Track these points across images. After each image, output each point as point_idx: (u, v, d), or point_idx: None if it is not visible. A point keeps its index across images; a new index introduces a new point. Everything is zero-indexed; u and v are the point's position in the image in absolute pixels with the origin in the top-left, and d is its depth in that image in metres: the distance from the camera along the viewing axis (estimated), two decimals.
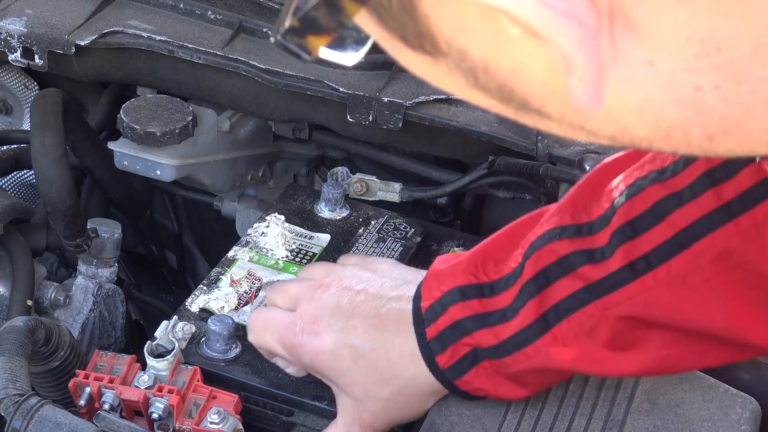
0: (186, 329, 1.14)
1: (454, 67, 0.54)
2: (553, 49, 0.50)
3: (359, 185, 1.51)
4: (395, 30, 0.54)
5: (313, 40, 0.53)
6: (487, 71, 0.53)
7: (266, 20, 1.50)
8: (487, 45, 0.52)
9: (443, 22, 0.52)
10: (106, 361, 1.13)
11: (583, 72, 0.50)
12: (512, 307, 1.01)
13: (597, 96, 0.51)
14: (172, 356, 1.11)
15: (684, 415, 1.08)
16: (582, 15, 0.49)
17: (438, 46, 0.53)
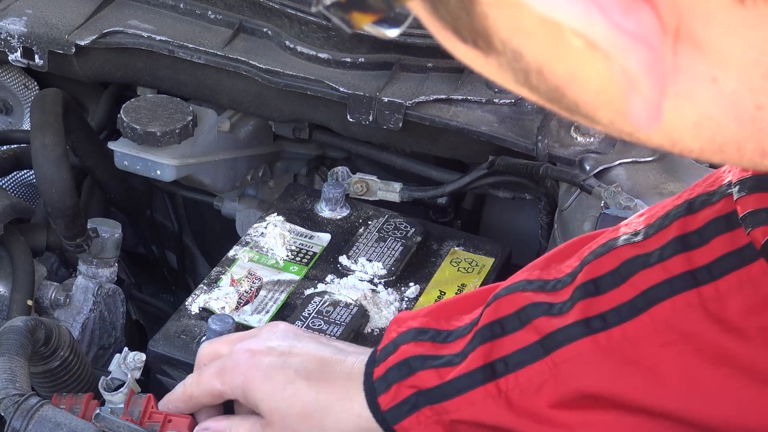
0: (137, 358, 1.14)
1: (505, 64, 0.54)
2: (617, 67, 0.50)
3: (359, 185, 1.51)
4: (448, 22, 0.54)
5: (358, 17, 0.53)
6: (540, 74, 0.53)
7: (266, 20, 1.50)
8: (544, 50, 0.52)
9: (501, 22, 0.52)
10: (65, 402, 1.12)
11: (646, 94, 0.51)
12: (462, 352, 0.98)
13: (656, 115, 0.52)
14: (125, 388, 1.11)
15: None
16: (651, 37, 0.49)
17: (492, 43, 0.53)
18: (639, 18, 0.49)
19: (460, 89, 1.43)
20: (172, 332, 1.23)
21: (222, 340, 1.12)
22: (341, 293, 1.29)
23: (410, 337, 1.01)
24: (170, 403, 1.11)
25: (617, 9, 0.48)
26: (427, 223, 1.45)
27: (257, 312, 1.27)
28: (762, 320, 0.87)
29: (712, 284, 0.88)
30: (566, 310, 0.94)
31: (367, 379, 1.02)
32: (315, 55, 1.46)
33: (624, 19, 0.49)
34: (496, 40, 0.52)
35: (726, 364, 0.88)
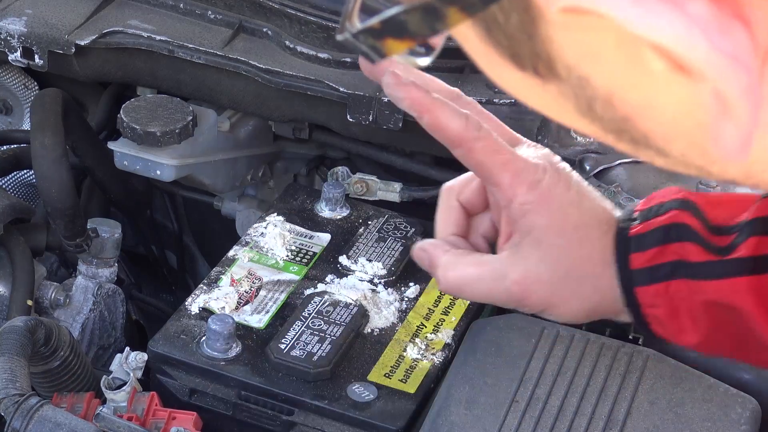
0: (138, 358, 1.14)
1: (568, 92, 0.50)
2: (705, 91, 0.47)
3: (359, 185, 1.51)
4: (504, 47, 0.50)
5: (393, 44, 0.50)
6: (609, 102, 0.50)
7: (266, 20, 1.50)
8: (617, 75, 0.49)
9: (569, 47, 0.48)
10: (67, 402, 1.13)
11: (741, 120, 0.48)
12: (731, 245, 0.91)
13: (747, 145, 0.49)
14: (128, 386, 1.11)
15: (684, 415, 1.08)
16: (749, 60, 0.46)
17: (555, 70, 0.50)
18: (735, 38, 0.46)
19: (460, 89, 1.42)
20: (172, 332, 1.23)
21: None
22: (341, 293, 1.29)
23: (682, 205, 0.94)
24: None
25: (715, 29, 0.46)
26: (427, 223, 1.44)
27: (257, 312, 1.27)
28: None
29: None
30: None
31: (621, 233, 0.94)
32: (315, 55, 1.46)
33: (722, 39, 0.46)
34: (560, 66, 0.49)
35: None
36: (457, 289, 1.00)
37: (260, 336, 1.24)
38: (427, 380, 1.20)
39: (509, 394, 1.13)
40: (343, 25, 0.50)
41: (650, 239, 0.94)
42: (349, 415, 1.16)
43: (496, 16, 0.49)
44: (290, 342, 1.21)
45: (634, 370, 1.14)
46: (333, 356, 1.20)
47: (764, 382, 1.19)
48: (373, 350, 1.23)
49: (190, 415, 1.12)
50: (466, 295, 1.04)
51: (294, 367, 1.19)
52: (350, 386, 1.18)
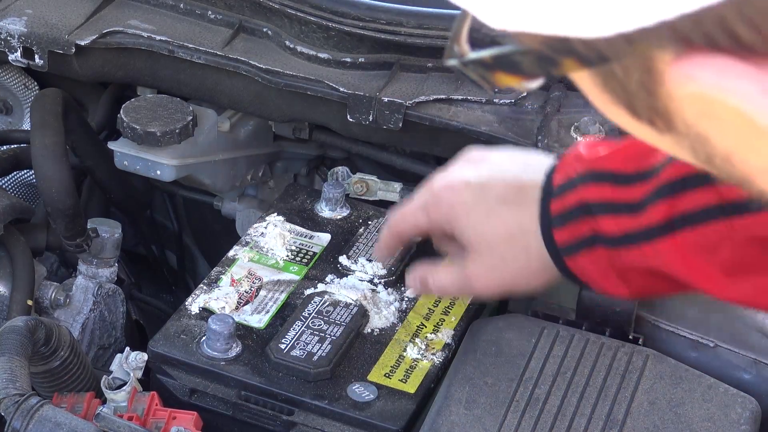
0: (139, 358, 1.15)
1: (685, 145, 0.50)
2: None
3: (359, 185, 1.51)
4: (621, 99, 0.50)
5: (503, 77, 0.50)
6: (728, 161, 0.49)
7: (266, 20, 1.50)
8: (737, 139, 0.48)
9: (689, 107, 0.48)
10: (67, 401, 1.13)
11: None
12: (642, 203, 1.01)
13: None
14: (128, 386, 1.11)
15: (684, 414, 1.08)
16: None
17: (673, 125, 0.49)
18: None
19: (460, 89, 1.42)
20: (172, 332, 1.23)
21: None
22: (341, 293, 1.29)
23: (589, 178, 1.04)
24: (381, 240, 1.26)
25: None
26: None
27: (257, 312, 1.27)
28: None
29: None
30: None
31: (544, 211, 1.07)
32: (315, 55, 1.46)
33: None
34: (679, 122, 0.49)
35: None
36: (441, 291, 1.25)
37: (260, 336, 1.24)
38: (427, 380, 1.20)
39: (509, 394, 1.13)
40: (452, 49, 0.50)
41: (566, 217, 1.06)
42: (349, 415, 1.16)
43: (615, 70, 0.48)
44: (290, 342, 1.21)
45: (634, 370, 1.14)
46: (333, 356, 1.20)
47: (764, 382, 1.19)
48: (373, 350, 1.24)
49: (190, 415, 1.12)
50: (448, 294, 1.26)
51: (294, 367, 1.19)
52: (350, 386, 1.18)
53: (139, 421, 1.10)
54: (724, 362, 1.21)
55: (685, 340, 1.23)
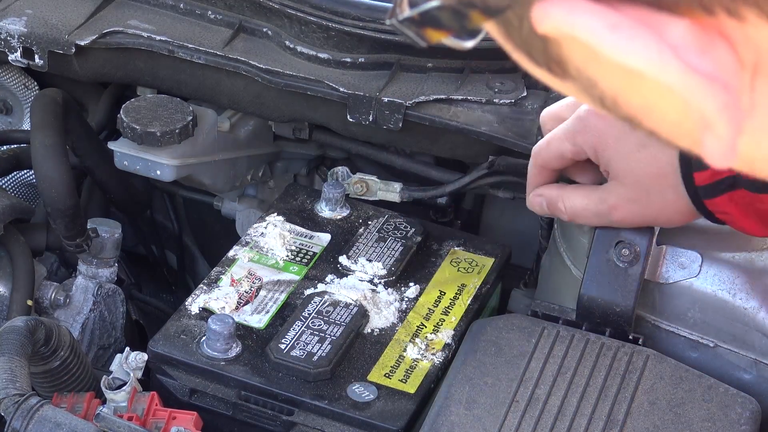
0: (138, 358, 1.15)
1: (581, 90, 0.54)
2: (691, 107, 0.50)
3: (359, 185, 1.51)
4: (521, 47, 0.54)
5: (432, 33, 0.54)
6: (615, 102, 0.53)
7: (266, 20, 1.50)
8: (619, 81, 0.51)
9: (575, 53, 0.51)
10: (67, 401, 1.13)
11: (721, 134, 0.50)
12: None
13: (731, 152, 0.51)
14: (128, 386, 1.11)
15: (684, 415, 1.09)
16: (728, 76, 0.48)
17: (567, 70, 0.53)
18: (715, 57, 0.48)
19: (460, 89, 1.43)
20: (172, 332, 1.23)
21: (562, 104, 1.21)
22: (341, 293, 1.30)
23: None
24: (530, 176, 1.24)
25: (692, 49, 0.48)
26: (427, 223, 1.45)
27: (257, 312, 1.27)
28: None
29: None
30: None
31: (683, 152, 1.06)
32: (315, 55, 1.46)
33: (699, 59, 0.48)
34: (571, 68, 0.52)
35: None
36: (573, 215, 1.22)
37: (260, 336, 1.24)
38: (427, 380, 1.20)
39: (509, 394, 1.13)
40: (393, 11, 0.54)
41: None
42: (349, 415, 1.16)
43: (511, 19, 0.52)
44: (290, 342, 1.21)
45: (634, 370, 1.14)
46: (333, 356, 1.20)
47: (764, 382, 1.19)
48: (373, 350, 1.24)
49: (190, 415, 1.12)
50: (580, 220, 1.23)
51: (294, 367, 1.19)
52: (350, 386, 1.18)
53: (139, 421, 1.10)
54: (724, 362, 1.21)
55: (685, 340, 1.23)
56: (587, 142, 1.16)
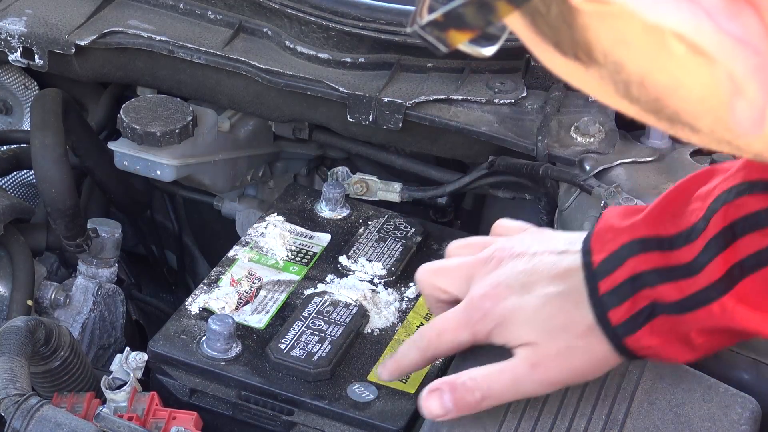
0: (138, 358, 1.15)
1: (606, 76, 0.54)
2: (721, 72, 0.51)
3: (359, 185, 1.51)
4: (548, 36, 0.54)
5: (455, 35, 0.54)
6: (642, 85, 0.53)
7: (266, 20, 1.50)
8: (646, 60, 0.52)
9: (603, 34, 0.52)
10: (67, 401, 1.13)
11: (752, 98, 0.51)
12: (698, 262, 0.97)
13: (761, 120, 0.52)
14: (128, 386, 1.11)
15: (684, 415, 1.08)
16: (757, 41, 0.49)
17: (593, 56, 0.53)
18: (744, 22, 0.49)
19: (460, 89, 1.43)
20: (172, 332, 1.23)
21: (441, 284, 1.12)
22: (341, 293, 1.29)
23: (636, 249, 1.00)
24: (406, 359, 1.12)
25: (723, 13, 0.49)
26: (427, 223, 1.45)
27: (257, 312, 1.27)
28: None
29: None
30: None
31: (593, 294, 1.01)
32: (315, 55, 1.46)
33: (729, 23, 0.49)
34: (598, 52, 0.53)
35: None
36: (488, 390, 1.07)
37: (260, 336, 1.24)
38: (427, 380, 1.20)
39: None
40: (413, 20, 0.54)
41: (620, 294, 1.01)
42: (349, 415, 1.16)
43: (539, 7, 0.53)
44: (290, 342, 1.21)
45: (634, 370, 1.14)
46: (333, 356, 1.20)
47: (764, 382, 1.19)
48: (373, 350, 1.24)
49: (190, 415, 1.12)
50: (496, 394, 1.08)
51: (294, 367, 1.19)
52: (350, 386, 1.18)
53: (139, 421, 1.10)
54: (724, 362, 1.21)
55: None
56: (486, 329, 1.06)
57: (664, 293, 0.99)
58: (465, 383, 1.06)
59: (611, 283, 1.01)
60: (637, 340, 1.01)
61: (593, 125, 1.39)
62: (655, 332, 1.00)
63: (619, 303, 1.00)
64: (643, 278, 1.00)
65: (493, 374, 1.06)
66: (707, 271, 0.97)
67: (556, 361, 1.04)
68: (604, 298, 1.01)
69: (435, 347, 1.10)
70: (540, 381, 1.05)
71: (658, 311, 1.00)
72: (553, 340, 1.04)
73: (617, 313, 1.01)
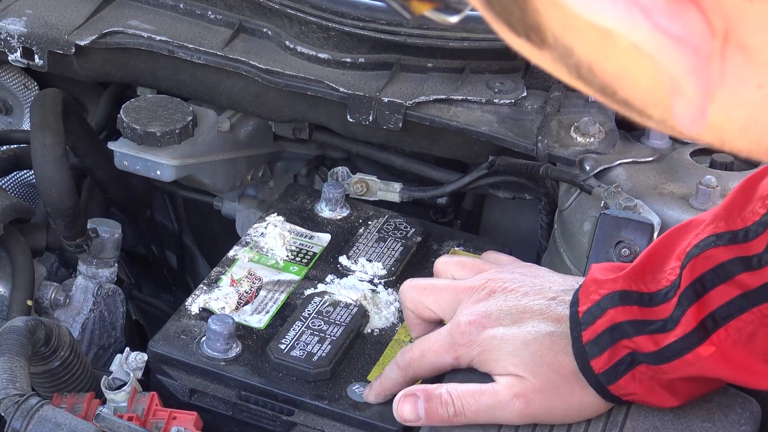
0: (138, 358, 1.15)
1: (558, 59, 0.54)
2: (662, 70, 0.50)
3: (359, 185, 1.51)
4: (501, 15, 0.54)
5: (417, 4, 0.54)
6: (591, 71, 0.53)
7: (266, 20, 1.50)
8: (594, 48, 0.52)
9: (553, 19, 0.52)
10: (67, 402, 1.13)
11: (690, 96, 0.51)
12: (672, 317, 1.00)
13: (701, 118, 0.52)
14: (128, 386, 1.11)
15: (684, 415, 1.08)
16: (697, 41, 0.49)
17: (545, 38, 0.53)
18: (685, 21, 0.49)
19: (460, 89, 1.43)
20: (172, 332, 1.23)
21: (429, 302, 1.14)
22: (341, 293, 1.29)
23: (616, 301, 1.03)
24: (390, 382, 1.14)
25: (663, 12, 0.48)
26: (427, 223, 1.45)
27: (257, 312, 1.27)
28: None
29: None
30: (765, 262, 0.96)
31: (576, 344, 1.04)
32: (315, 55, 1.46)
33: (669, 22, 0.49)
34: (549, 35, 0.53)
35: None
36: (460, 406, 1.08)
37: (260, 336, 1.24)
38: (427, 381, 1.20)
39: None
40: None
41: (600, 343, 1.04)
42: (349, 415, 1.16)
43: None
44: (290, 342, 1.21)
45: None
46: (333, 356, 1.20)
47: None
48: (373, 350, 1.24)
49: (190, 415, 1.12)
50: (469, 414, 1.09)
51: (294, 367, 1.19)
52: (350, 386, 1.18)
53: (139, 422, 1.10)
54: None
55: None
56: (470, 355, 1.08)
57: (641, 344, 1.02)
58: (441, 395, 1.07)
59: (593, 333, 1.04)
60: (621, 388, 1.05)
61: (593, 125, 1.39)
62: (637, 380, 1.04)
63: (600, 352, 1.04)
64: (622, 329, 1.03)
65: (472, 394, 1.07)
66: (681, 324, 1.00)
67: (539, 397, 1.06)
68: (586, 348, 1.04)
69: (416, 368, 1.12)
70: (518, 411, 1.06)
71: (639, 360, 1.03)
72: (539, 377, 1.06)
73: (599, 362, 1.04)
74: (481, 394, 1.07)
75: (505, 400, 1.06)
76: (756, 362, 0.99)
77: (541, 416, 1.07)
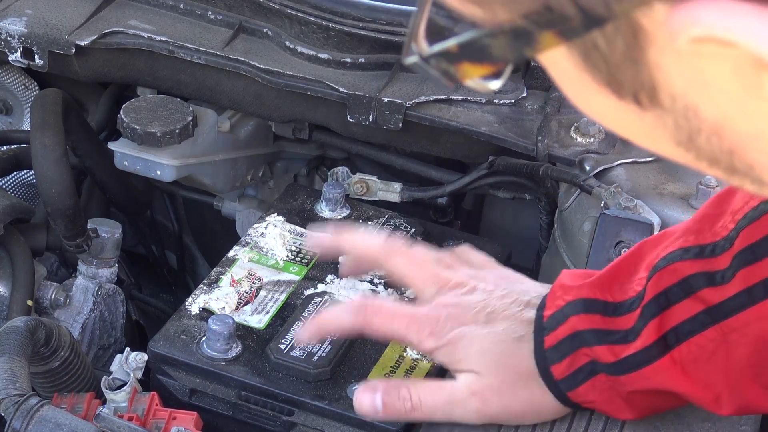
0: (138, 358, 1.15)
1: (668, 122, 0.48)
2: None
3: (359, 185, 1.51)
4: (602, 73, 0.47)
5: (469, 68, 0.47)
6: (717, 134, 0.47)
7: (266, 20, 1.50)
8: (729, 104, 0.46)
9: (678, 75, 0.46)
10: (67, 402, 1.13)
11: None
12: (634, 329, 1.00)
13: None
14: (128, 387, 1.12)
15: (684, 415, 1.08)
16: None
17: (657, 99, 0.47)
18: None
19: (460, 89, 1.43)
20: (172, 332, 1.23)
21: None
22: (341, 293, 1.29)
23: (579, 308, 1.03)
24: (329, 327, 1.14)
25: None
26: (427, 223, 1.45)
27: (257, 312, 1.27)
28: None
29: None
30: (728, 278, 0.95)
31: (539, 348, 1.04)
32: (315, 55, 1.46)
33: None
34: (664, 94, 0.47)
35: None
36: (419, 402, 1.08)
37: (260, 336, 1.24)
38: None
39: None
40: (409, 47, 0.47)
41: (561, 350, 1.03)
42: (349, 416, 1.15)
43: (597, 41, 0.46)
44: (290, 342, 1.21)
45: None
46: (333, 356, 1.20)
47: None
48: (373, 350, 1.23)
49: (190, 415, 1.12)
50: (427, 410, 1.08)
51: (294, 368, 1.19)
52: (350, 386, 1.18)
53: (139, 422, 1.10)
54: None
55: None
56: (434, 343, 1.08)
57: (600, 354, 1.02)
58: (400, 389, 1.08)
59: (554, 339, 1.04)
60: (580, 395, 1.04)
61: (593, 125, 1.39)
62: (597, 389, 1.03)
63: (561, 359, 1.03)
64: (582, 337, 1.02)
65: (431, 389, 1.08)
66: (641, 337, 1.00)
67: (496, 397, 1.06)
68: (547, 353, 1.04)
69: (369, 318, 1.10)
70: (475, 410, 1.06)
71: (599, 369, 1.03)
72: (497, 376, 1.06)
73: (559, 368, 1.04)
74: (439, 390, 1.07)
75: (463, 398, 1.06)
76: (717, 380, 0.98)
77: (498, 416, 1.07)
